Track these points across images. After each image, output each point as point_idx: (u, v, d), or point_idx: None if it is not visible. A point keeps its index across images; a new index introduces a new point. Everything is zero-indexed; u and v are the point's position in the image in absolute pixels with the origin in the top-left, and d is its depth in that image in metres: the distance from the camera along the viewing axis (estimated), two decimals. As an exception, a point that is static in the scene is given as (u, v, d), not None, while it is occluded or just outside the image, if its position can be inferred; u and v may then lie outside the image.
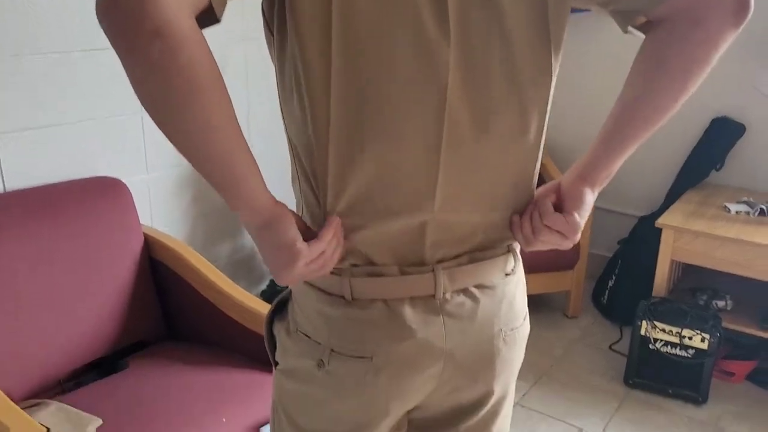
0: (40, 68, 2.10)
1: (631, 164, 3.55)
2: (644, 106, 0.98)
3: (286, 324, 1.09)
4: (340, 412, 1.05)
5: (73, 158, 2.24)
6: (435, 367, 1.03)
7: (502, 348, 1.08)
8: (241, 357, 2.11)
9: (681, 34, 0.90)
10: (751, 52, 3.16)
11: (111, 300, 2.11)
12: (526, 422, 2.65)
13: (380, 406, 1.04)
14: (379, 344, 0.99)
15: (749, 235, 2.75)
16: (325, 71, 0.88)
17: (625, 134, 1.01)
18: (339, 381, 1.02)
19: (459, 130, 0.94)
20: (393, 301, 0.99)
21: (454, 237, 1.01)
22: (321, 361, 1.01)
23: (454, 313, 1.02)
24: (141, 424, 1.77)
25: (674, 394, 2.81)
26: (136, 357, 2.12)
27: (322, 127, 0.91)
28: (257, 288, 3.07)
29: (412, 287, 1.00)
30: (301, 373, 1.06)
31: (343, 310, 1.00)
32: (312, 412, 1.08)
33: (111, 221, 2.14)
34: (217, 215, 2.80)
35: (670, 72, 0.94)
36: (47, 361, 1.96)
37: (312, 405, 1.07)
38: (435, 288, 1.00)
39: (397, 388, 1.02)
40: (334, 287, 1.00)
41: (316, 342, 1.02)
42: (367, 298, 0.99)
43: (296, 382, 1.07)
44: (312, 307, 1.03)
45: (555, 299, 3.55)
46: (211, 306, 2.17)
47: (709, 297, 2.99)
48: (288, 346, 1.07)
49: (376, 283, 0.99)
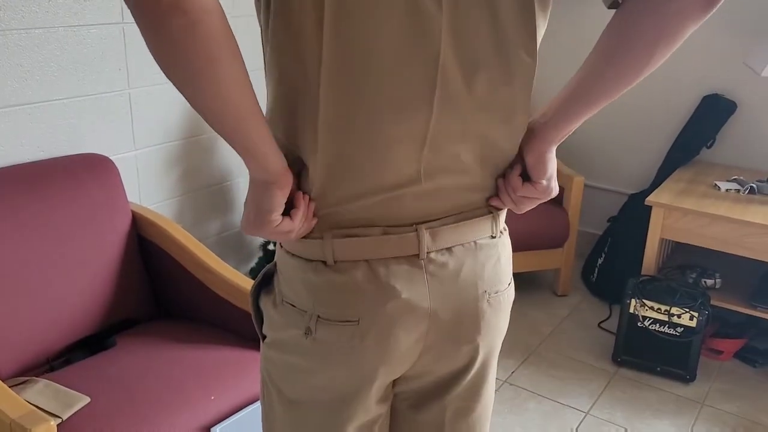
0: (26, 44, 2.07)
1: (622, 141, 3.59)
2: (611, 73, 0.97)
3: (272, 297, 1.09)
4: (328, 380, 1.06)
5: (59, 135, 2.22)
6: (420, 327, 1.04)
7: (486, 310, 1.09)
8: (230, 335, 2.11)
9: (656, 6, 0.91)
10: (743, 28, 3.15)
11: (99, 278, 2.10)
12: (514, 400, 2.67)
13: (367, 372, 1.04)
14: (364, 307, 1.00)
15: (739, 213, 2.76)
16: (317, 41, 0.90)
17: (589, 100, 1.00)
18: (326, 348, 1.03)
19: (449, 95, 0.95)
20: (376, 262, 1.00)
21: (438, 198, 1.02)
22: (308, 329, 1.02)
23: (437, 272, 1.03)
24: (129, 402, 1.76)
25: (662, 372, 2.83)
26: (124, 335, 2.11)
27: (313, 95, 0.93)
28: (246, 266, 3.06)
29: (395, 247, 1.01)
30: (288, 344, 1.06)
31: (327, 275, 1.00)
32: (300, 382, 1.09)
33: (98, 199, 2.13)
34: (206, 192, 2.79)
35: (638, 41, 0.94)
36: (35, 339, 1.95)
37: (300, 375, 1.08)
38: (419, 247, 1.01)
39: (384, 351, 1.03)
40: (316, 252, 1.01)
41: (302, 311, 1.03)
42: (350, 260, 1.00)
43: (284, 353, 1.08)
44: (295, 276, 1.04)
45: (544, 277, 3.56)
46: (199, 284, 2.16)
47: (698, 275, 3.00)
48: (275, 318, 1.08)
49: (359, 243, 1.00)
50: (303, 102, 0.95)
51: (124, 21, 2.31)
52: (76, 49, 2.20)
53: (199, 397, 1.83)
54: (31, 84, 2.11)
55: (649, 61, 0.94)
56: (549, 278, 3.55)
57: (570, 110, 1.02)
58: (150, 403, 1.77)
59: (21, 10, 2.04)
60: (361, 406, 1.09)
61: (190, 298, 2.22)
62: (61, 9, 2.13)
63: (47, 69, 2.14)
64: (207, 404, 1.83)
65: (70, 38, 2.18)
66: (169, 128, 2.56)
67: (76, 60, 2.21)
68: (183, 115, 2.59)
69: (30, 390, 1.76)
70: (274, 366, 1.11)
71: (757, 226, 2.69)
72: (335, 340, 1.02)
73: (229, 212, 2.92)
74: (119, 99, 2.37)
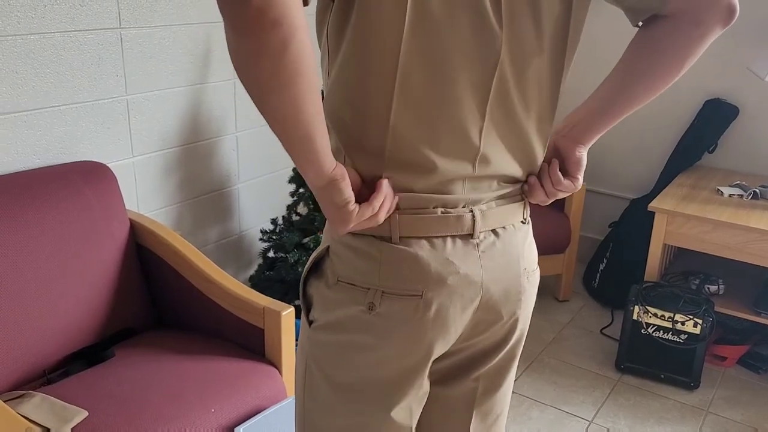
0: (21, 50, 2.03)
1: (623, 146, 3.57)
2: (641, 85, 1.13)
3: (324, 279, 1.14)
4: (388, 356, 1.11)
5: (55, 142, 2.18)
6: (475, 301, 1.13)
7: (526, 286, 1.19)
8: (230, 345, 2.08)
9: (683, 31, 1.05)
10: (746, 33, 3.13)
11: (96, 287, 2.07)
12: (517, 408, 2.64)
13: (426, 345, 1.11)
14: (428, 280, 1.08)
15: (742, 218, 2.74)
16: (395, 47, 0.98)
17: (620, 109, 1.16)
18: (389, 322, 1.09)
19: (502, 97, 1.08)
20: (436, 239, 1.09)
21: (486, 184, 1.14)
22: (371, 304, 1.08)
23: (486, 250, 1.13)
24: (128, 415, 1.73)
25: (666, 379, 2.80)
26: (122, 345, 2.08)
27: (387, 93, 1.01)
28: (246, 273, 3.03)
29: (453, 226, 1.10)
30: (345, 323, 1.11)
31: (392, 250, 1.08)
32: (355, 362, 1.13)
33: (96, 207, 2.09)
34: (205, 199, 2.75)
35: (668, 59, 1.09)
36: (31, 351, 1.91)
37: (357, 354, 1.12)
38: (473, 227, 1.11)
39: (443, 324, 1.10)
40: (382, 229, 1.08)
41: (364, 288, 1.08)
42: (414, 236, 1.08)
43: (338, 332, 1.12)
44: (357, 254, 1.10)
45: (546, 283, 3.54)
46: (198, 293, 2.13)
47: (702, 281, 2.97)
48: (330, 298, 1.13)
49: (422, 221, 1.08)
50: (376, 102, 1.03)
51: (121, 26, 2.28)
52: (73, 55, 2.17)
53: (199, 410, 1.80)
54: (26, 91, 2.08)
55: (676, 76, 1.11)
56: (550, 284, 3.53)
57: (604, 118, 1.18)
58: (149, 416, 1.74)
59: (16, 16, 2.00)
60: (417, 381, 1.15)
61: (189, 307, 2.18)
62: (57, 14, 2.10)
63: (43, 75, 2.11)
64: (207, 417, 1.80)
65: (67, 44, 2.15)
66: (167, 135, 2.53)
67: (72, 66, 2.17)
68: (181, 122, 2.56)
69: (26, 404, 1.72)
70: (325, 349, 1.15)
71: (761, 232, 2.67)
72: (399, 314, 1.08)
73: (228, 219, 2.89)
74: (116, 105, 2.33)
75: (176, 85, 2.51)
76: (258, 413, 1.88)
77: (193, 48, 2.54)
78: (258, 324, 2.02)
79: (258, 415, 1.87)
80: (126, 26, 2.29)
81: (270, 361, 2.03)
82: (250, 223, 3.01)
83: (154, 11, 2.38)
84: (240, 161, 2.87)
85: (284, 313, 1.97)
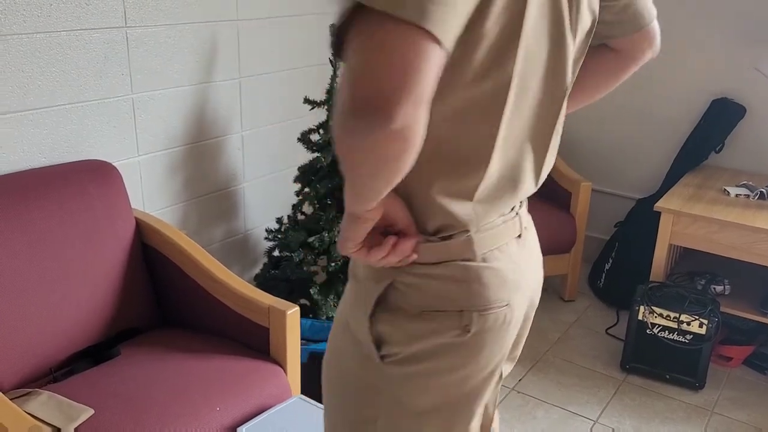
0: (27, 49, 2.04)
1: (629, 145, 3.56)
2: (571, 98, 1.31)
3: (401, 312, 1.12)
4: (473, 370, 1.13)
5: (61, 141, 2.19)
6: (529, 295, 1.20)
7: (541, 274, 1.28)
8: (235, 344, 2.08)
9: (622, 63, 1.30)
10: (753, 33, 3.11)
11: (102, 286, 2.08)
12: (522, 408, 2.64)
13: (506, 347, 1.16)
14: (510, 288, 1.12)
15: (749, 219, 2.73)
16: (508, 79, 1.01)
17: None
18: (481, 338, 1.11)
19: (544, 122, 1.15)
20: (504, 246, 1.13)
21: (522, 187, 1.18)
22: (467, 326, 1.09)
23: (527, 246, 1.20)
24: (133, 413, 1.73)
25: (671, 380, 2.80)
26: (128, 344, 2.08)
27: (496, 122, 1.04)
28: (251, 272, 3.03)
29: (510, 230, 1.15)
30: (436, 351, 1.11)
31: (478, 269, 1.09)
32: (439, 386, 1.14)
33: (101, 206, 2.10)
34: (211, 198, 2.76)
35: (601, 79, 1.33)
36: (37, 349, 1.92)
37: (442, 377, 1.13)
38: (520, 228, 1.17)
39: (516, 324, 1.16)
40: (463, 252, 1.09)
41: (456, 312, 1.09)
42: (488, 249, 1.11)
43: (424, 362, 1.12)
44: (442, 281, 1.09)
45: (551, 283, 3.53)
46: (204, 292, 2.14)
47: (707, 281, 2.97)
48: (415, 330, 1.11)
49: (493, 235, 1.12)
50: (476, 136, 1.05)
51: (127, 25, 2.28)
52: (79, 53, 2.17)
53: (205, 408, 1.80)
54: (32, 89, 2.08)
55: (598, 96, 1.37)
56: (556, 283, 3.52)
57: None
58: (155, 414, 1.74)
59: (22, 14, 2.01)
60: (495, 381, 1.20)
61: (194, 306, 2.19)
62: (62, 13, 2.10)
63: (49, 74, 2.11)
64: (213, 416, 1.80)
65: (72, 43, 2.15)
66: (173, 134, 2.53)
67: (78, 65, 2.18)
68: (187, 121, 2.56)
69: (33, 402, 1.73)
70: (406, 381, 1.14)
71: (767, 233, 2.66)
72: (491, 328, 1.11)
73: (234, 218, 2.89)
74: (122, 104, 2.34)
75: (182, 84, 2.51)
76: (263, 412, 1.89)
77: (198, 47, 2.54)
78: (263, 323, 2.02)
79: (262, 414, 1.87)
80: (132, 25, 2.30)
81: (275, 360, 2.03)
82: (256, 222, 3.01)
83: (160, 10, 2.38)
84: (245, 160, 2.88)
85: (289, 312, 1.97)
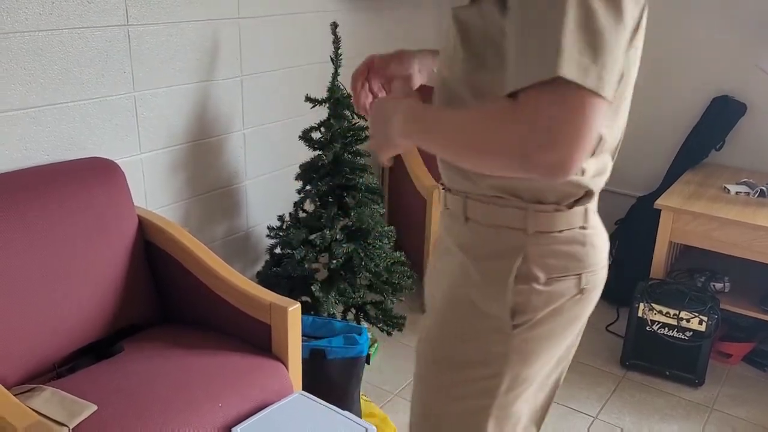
0: (29, 47, 2.05)
1: (630, 143, 3.56)
2: None
3: (533, 281, 1.21)
4: (576, 328, 1.27)
5: (64, 139, 2.20)
6: None
7: None
8: (237, 340, 2.09)
9: None
10: (754, 30, 3.12)
11: (105, 283, 2.09)
12: (523, 404, 2.64)
13: (590, 312, 1.29)
14: (606, 250, 1.26)
15: (749, 216, 2.73)
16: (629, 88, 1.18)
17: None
18: (589, 297, 1.25)
19: None
20: (595, 214, 1.25)
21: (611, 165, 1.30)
22: (583, 289, 1.22)
23: None
24: (136, 409, 1.75)
25: (671, 376, 2.81)
26: (130, 340, 2.09)
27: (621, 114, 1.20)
28: (253, 269, 3.04)
29: None
30: (555, 312, 1.22)
31: (588, 235, 1.22)
32: (556, 342, 1.26)
33: (104, 203, 2.11)
34: (213, 195, 2.77)
35: None
36: (41, 345, 1.93)
37: (559, 333, 1.25)
38: None
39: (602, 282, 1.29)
40: (579, 220, 1.21)
41: (576, 274, 1.21)
42: (592, 216, 1.24)
43: (548, 323, 1.23)
44: (568, 246, 1.21)
45: (552, 279, 3.53)
46: (206, 289, 2.15)
47: (707, 278, 2.97)
48: (544, 295, 1.21)
49: (594, 202, 1.24)
50: None
51: (129, 23, 2.29)
52: (80, 51, 2.18)
53: (207, 404, 1.81)
54: (34, 87, 2.09)
55: None
56: (556, 280, 3.53)
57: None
58: (157, 410, 1.75)
59: (24, 12, 2.02)
60: (576, 346, 1.36)
61: (197, 303, 2.20)
62: (64, 11, 2.11)
63: (51, 72, 2.12)
64: (215, 412, 1.81)
65: (74, 41, 2.16)
66: (175, 131, 2.54)
67: (80, 63, 2.19)
68: (189, 119, 2.57)
69: (36, 398, 1.74)
70: (529, 345, 1.23)
71: (767, 230, 2.66)
72: (596, 286, 1.25)
73: (236, 215, 2.90)
74: (124, 102, 2.35)
75: (184, 81, 2.52)
76: (264, 408, 1.90)
77: (200, 44, 2.55)
78: (265, 320, 2.03)
79: (264, 410, 1.88)
80: (133, 23, 2.31)
81: (276, 357, 2.04)
82: (257, 219, 3.02)
83: (162, 8, 2.39)
84: (247, 158, 2.88)
85: (290, 309, 1.99)
